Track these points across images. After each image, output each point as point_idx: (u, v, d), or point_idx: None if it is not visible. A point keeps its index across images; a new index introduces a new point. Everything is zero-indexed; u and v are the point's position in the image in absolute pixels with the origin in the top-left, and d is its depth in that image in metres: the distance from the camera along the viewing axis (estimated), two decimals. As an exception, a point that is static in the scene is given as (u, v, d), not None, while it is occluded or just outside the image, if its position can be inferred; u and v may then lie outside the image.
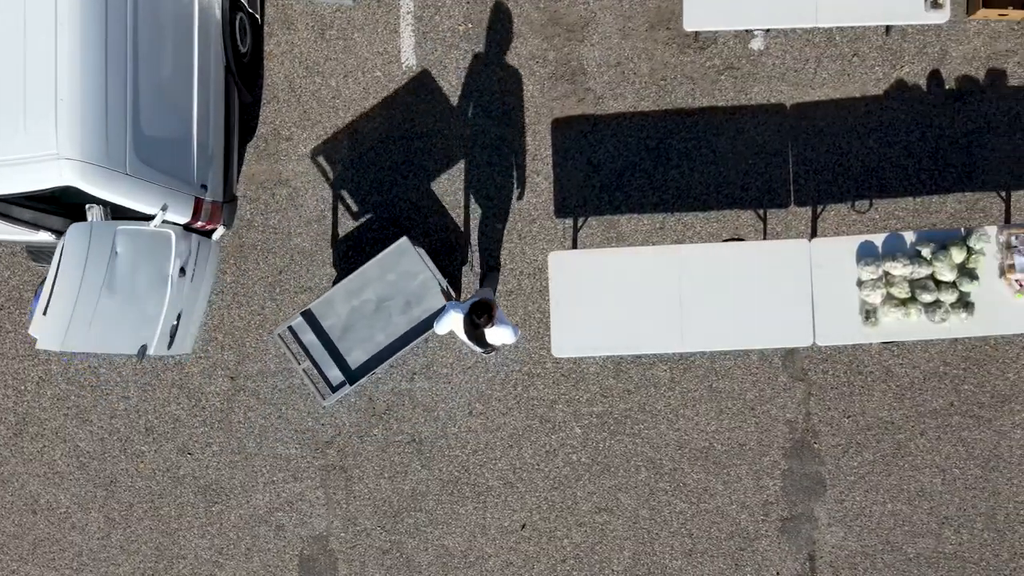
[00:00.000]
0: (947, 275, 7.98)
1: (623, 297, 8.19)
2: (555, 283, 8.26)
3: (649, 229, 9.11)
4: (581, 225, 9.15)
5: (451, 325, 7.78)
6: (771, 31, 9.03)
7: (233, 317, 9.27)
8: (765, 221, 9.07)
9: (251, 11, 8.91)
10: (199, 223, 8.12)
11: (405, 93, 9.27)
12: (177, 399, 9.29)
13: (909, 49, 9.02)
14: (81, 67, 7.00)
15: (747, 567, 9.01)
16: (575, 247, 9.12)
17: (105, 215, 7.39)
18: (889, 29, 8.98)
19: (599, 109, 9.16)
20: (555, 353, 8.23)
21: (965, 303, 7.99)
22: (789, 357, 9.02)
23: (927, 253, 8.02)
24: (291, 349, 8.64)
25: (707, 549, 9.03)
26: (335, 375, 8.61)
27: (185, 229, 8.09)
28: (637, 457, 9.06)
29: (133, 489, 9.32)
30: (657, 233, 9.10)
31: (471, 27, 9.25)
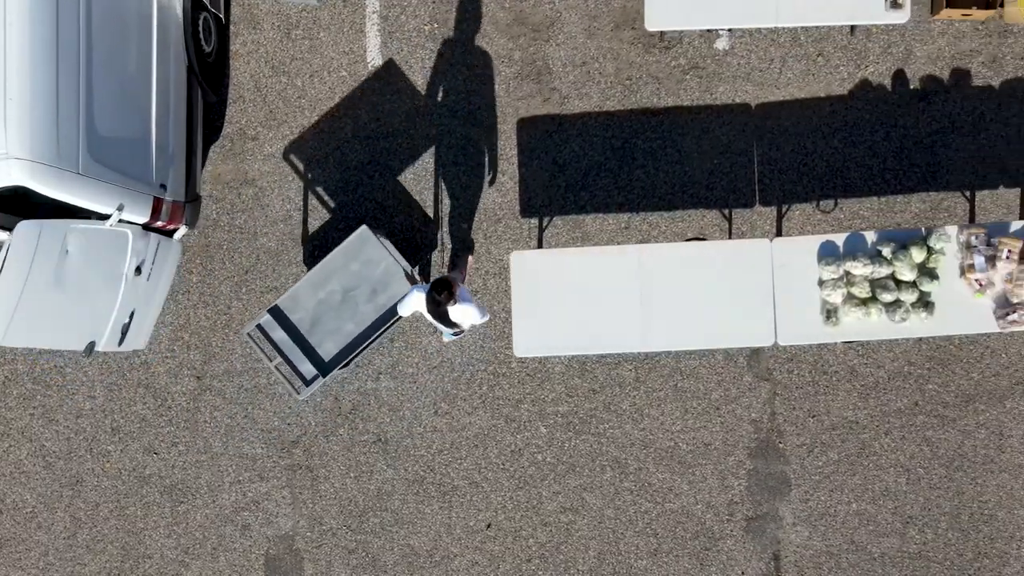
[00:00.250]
0: (907, 275, 7.99)
1: (585, 297, 8.19)
2: (517, 283, 8.26)
3: (614, 229, 9.11)
4: (546, 225, 9.15)
5: (415, 306, 7.78)
6: (736, 31, 9.04)
7: (199, 317, 9.28)
8: (730, 221, 9.07)
9: (214, 11, 8.91)
10: (159, 223, 8.11)
11: (371, 93, 9.27)
12: (143, 399, 9.29)
13: (874, 49, 9.03)
14: (31, 66, 6.99)
15: (712, 567, 9.01)
16: (540, 247, 9.12)
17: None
18: (854, 29, 8.99)
19: (564, 109, 9.17)
20: (517, 353, 8.24)
21: (925, 303, 8.00)
22: (754, 357, 9.02)
23: (887, 253, 8.02)
24: (261, 347, 8.64)
25: (672, 549, 9.03)
26: (308, 369, 8.61)
27: (144, 228, 8.08)
28: (602, 457, 9.06)
29: (99, 489, 9.32)
30: (623, 233, 9.10)
31: (437, 27, 9.26)
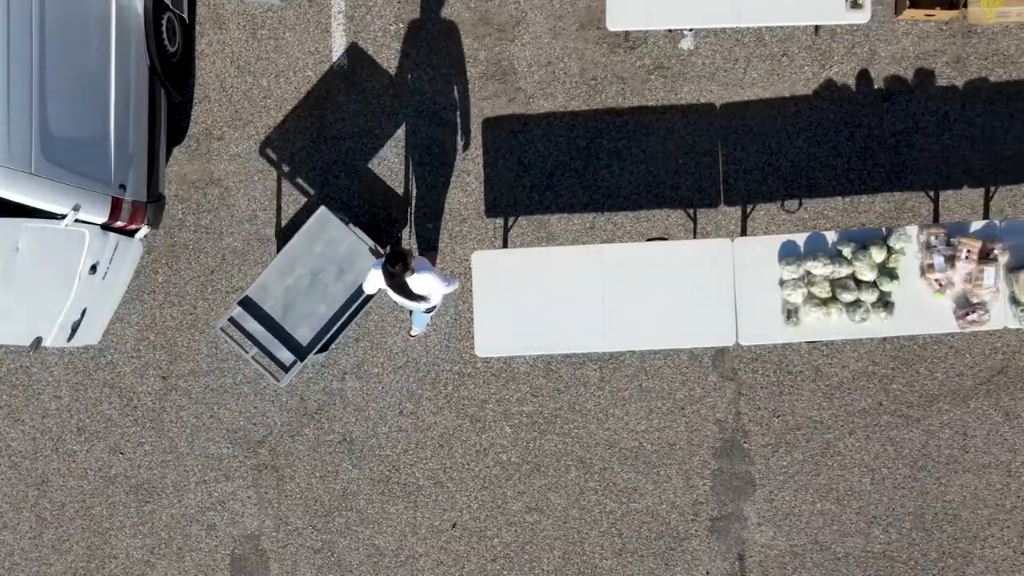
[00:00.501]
0: (867, 275, 7.99)
1: (547, 297, 8.19)
2: (479, 282, 8.26)
3: (579, 229, 9.11)
4: (511, 225, 9.15)
5: (378, 282, 7.77)
6: (701, 31, 9.04)
7: (165, 317, 9.28)
8: (695, 221, 9.07)
9: (177, 11, 8.90)
10: (119, 223, 8.11)
11: (336, 93, 9.27)
12: (109, 399, 9.29)
13: (838, 49, 9.03)
14: (-20, 66, 6.99)
15: (677, 566, 9.01)
16: (505, 247, 9.12)
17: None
18: (818, 29, 8.99)
19: (530, 109, 9.17)
20: (478, 353, 8.24)
21: (885, 303, 8.00)
22: (719, 357, 9.02)
23: (848, 252, 8.03)
24: (236, 340, 8.63)
25: (637, 549, 9.04)
26: (285, 356, 8.61)
27: (104, 228, 8.08)
28: (567, 456, 9.07)
29: (65, 488, 9.32)
30: (588, 232, 9.10)
31: (402, 27, 9.26)
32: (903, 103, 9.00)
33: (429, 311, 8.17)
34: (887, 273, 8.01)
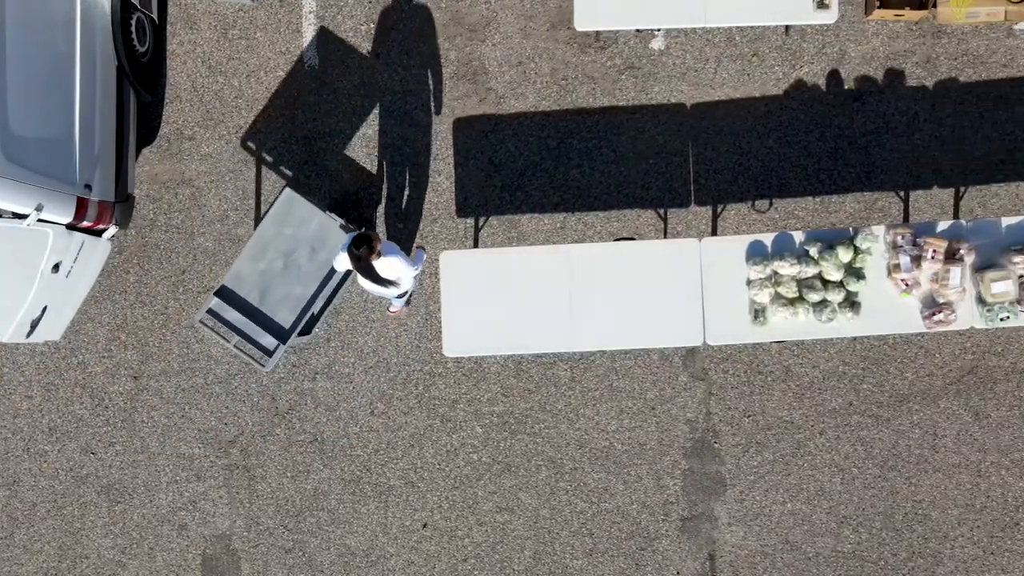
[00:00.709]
0: (834, 275, 7.99)
1: (515, 297, 8.19)
2: (447, 282, 8.26)
3: (550, 229, 9.11)
4: (482, 225, 9.16)
5: (347, 263, 7.75)
6: (671, 31, 9.04)
7: (136, 316, 9.28)
8: (666, 221, 9.08)
9: (146, 11, 8.90)
10: (85, 223, 8.11)
11: (308, 93, 9.27)
12: (80, 399, 9.29)
13: (808, 49, 9.03)
14: (-61, 66, 6.99)
15: (648, 566, 9.02)
16: (476, 247, 9.12)
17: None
18: (788, 29, 9.00)
19: (500, 109, 9.17)
20: (446, 353, 8.24)
21: (852, 303, 8.00)
22: (690, 356, 9.03)
23: (814, 252, 8.03)
24: (216, 331, 8.61)
25: (608, 549, 9.04)
26: (268, 341, 8.57)
27: (69, 228, 8.08)
28: (538, 456, 9.07)
29: (36, 488, 9.32)
30: (558, 232, 9.11)
31: (373, 27, 9.26)
32: (873, 103, 9.00)
33: (401, 297, 8.13)
34: (854, 273, 8.01)
